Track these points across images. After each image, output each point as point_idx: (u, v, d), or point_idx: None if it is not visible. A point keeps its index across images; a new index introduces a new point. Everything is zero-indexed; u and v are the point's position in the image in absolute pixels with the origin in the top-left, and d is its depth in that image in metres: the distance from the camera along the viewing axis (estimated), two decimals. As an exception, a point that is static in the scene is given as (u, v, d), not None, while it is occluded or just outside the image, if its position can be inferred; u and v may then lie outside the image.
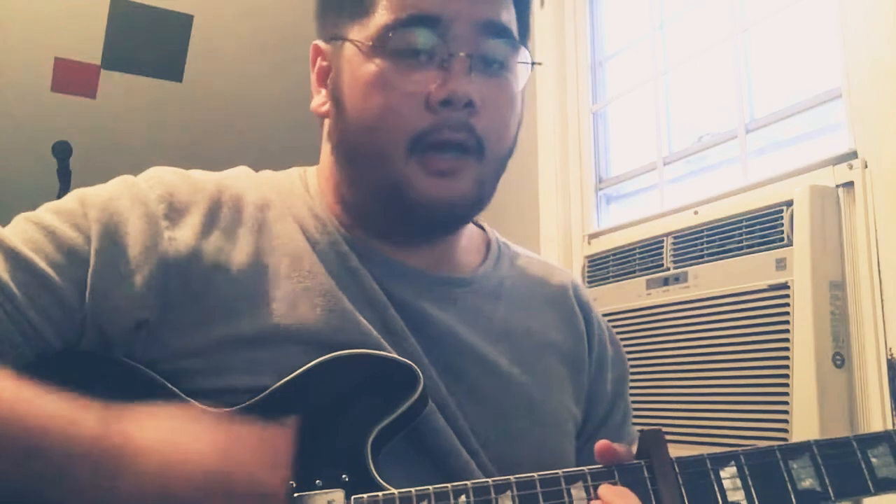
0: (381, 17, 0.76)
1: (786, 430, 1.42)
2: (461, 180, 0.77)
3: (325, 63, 0.83)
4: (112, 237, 0.73)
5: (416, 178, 0.76)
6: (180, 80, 3.01)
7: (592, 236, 2.20)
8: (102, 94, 2.96)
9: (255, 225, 0.79)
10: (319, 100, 0.84)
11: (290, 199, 0.83)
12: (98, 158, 2.48)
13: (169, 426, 0.65)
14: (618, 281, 1.93)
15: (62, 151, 2.49)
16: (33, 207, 0.77)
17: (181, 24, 2.87)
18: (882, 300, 1.37)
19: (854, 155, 1.46)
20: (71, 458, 0.62)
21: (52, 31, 2.75)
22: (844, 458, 0.67)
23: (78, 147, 2.50)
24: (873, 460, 0.67)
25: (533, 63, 0.82)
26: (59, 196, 2.55)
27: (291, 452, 0.66)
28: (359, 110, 0.77)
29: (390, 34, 0.75)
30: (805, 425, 1.38)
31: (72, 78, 2.89)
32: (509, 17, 0.80)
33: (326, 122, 0.84)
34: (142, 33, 2.86)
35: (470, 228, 0.91)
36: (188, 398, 0.70)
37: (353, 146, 0.79)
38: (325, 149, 0.85)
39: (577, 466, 0.88)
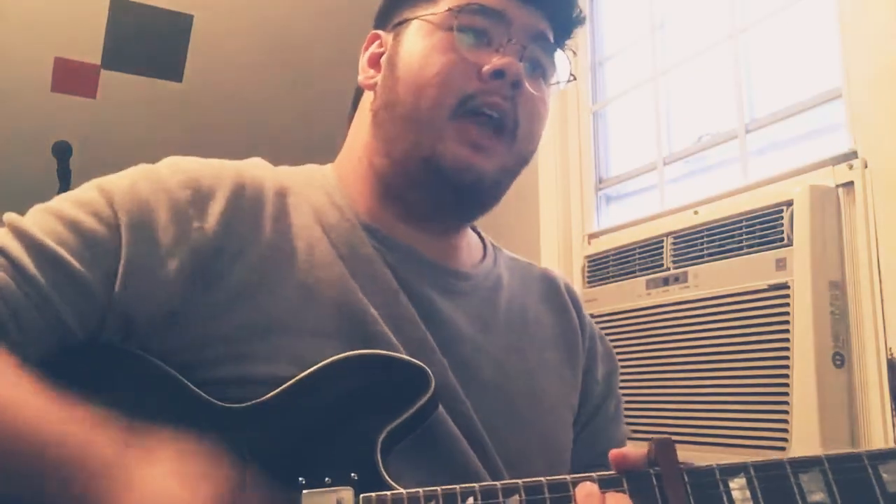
0: (451, 1, 0.83)
1: (786, 430, 1.42)
2: (490, 158, 0.81)
3: (379, 49, 0.89)
4: (142, 229, 0.73)
5: (450, 143, 0.80)
6: (180, 80, 3.01)
7: (592, 236, 2.20)
8: (102, 94, 2.96)
9: (276, 211, 0.80)
10: (368, 75, 0.89)
11: (309, 188, 0.85)
12: (98, 158, 2.47)
13: (168, 480, 0.63)
14: (618, 281, 1.93)
15: (62, 151, 2.48)
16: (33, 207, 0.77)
17: (181, 24, 2.87)
18: (882, 300, 1.37)
19: (854, 155, 1.46)
20: (73, 479, 0.61)
21: (52, 31, 2.75)
22: (855, 473, 0.66)
23: (78, 147, 2.50)
24: (884, 475, 0.65)
25: (571, 77, 0.89)
26: (59, 196, 2.49)
27: None
28: (414, 70, 0.82)
29: (461, 11, 0.82)
30: (805, 425, 1.38)
31: (72, 78, 2.89)
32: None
33: (366, 98, 0.89)
34: (142, 33, 2.86)
35: (468, 231, 0.94)
36: (207, 392, 0.71)
37: (401, 102, 0.82)
38: (362, 122, 0.88)
39: (573, 456, 0.89)
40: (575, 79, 0.91)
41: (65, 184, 2.47)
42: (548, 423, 0.87)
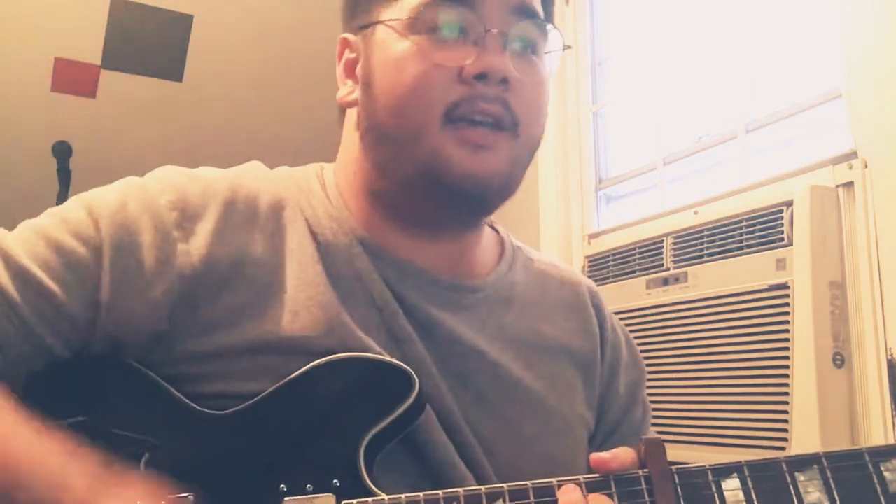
0: None
1: (786, 430, 1.42)
2: (496, 155, 0.75)
3: (352, 55, 0.83)
4: (125, 252, 0.72)
5: (451, 151, 0.74)
6: (180, 80, 3.01)
7: (592, 236, 2.20)
8: (102, 94, 2.96)
9: (270, 227, 0.78)
10: (346, 90, 0.83)
11: (307, 199, 0.81)
12: (98, 158, 2.48)
13: None
14: (618, 281, 1.92)
15: (62, 151, 2.48)
16: (33, 207, 0.76)
17: (181, 24, 2.87)
18: (882, 300, 1.37)
19: (854, 155, 1.46)
20: None
21: (52, 31, 2.75)
22: (855, 472, 0.63)
23: (78, 147, 2.50)
24: (886, 474, 0.63)
25: (565, 47, 0.82)
26: (59, 197, 2.51)
27: None
28: (390, 85, 0.75)
29: (423, 10, 0.74)
30: (805, 425, 1.38)
31: (72, 78, 2.89)
32: (537, 2, 0.80)
33: (351, 113, 0.83)
34: (142, 33, 2.86)
35: (483, 232, 0.90)
36: (190, 402, 0.70)
37: (385, 125, 0.77)
38: (351, 140, 0.83)
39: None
40: (570, 47, 0.84)
41: (65, 184, 2.47)
42: (556, 443, 0.83)
